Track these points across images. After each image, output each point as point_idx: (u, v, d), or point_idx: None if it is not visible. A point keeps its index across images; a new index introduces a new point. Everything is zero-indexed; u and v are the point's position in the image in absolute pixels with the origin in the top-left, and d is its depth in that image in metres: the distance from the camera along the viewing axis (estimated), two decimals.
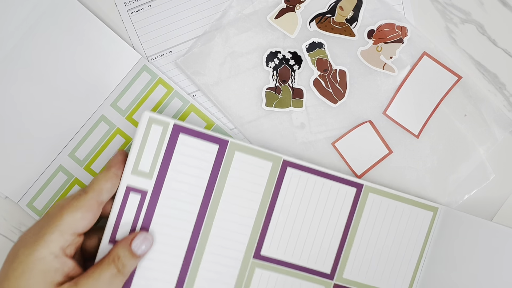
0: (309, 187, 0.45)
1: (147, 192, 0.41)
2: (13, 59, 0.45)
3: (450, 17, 0.48)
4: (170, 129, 0.41)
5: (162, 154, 0.41)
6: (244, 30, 0.46)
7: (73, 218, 0.37)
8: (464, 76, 0.47)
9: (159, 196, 0.42)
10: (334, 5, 0.47)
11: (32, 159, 0.45)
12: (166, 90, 0.46)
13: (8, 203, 0.46)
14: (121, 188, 0.41)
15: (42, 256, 0.36)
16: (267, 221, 0.45)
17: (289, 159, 0.44)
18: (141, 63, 0.46)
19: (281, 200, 0.45)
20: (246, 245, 0.44)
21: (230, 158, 0.43)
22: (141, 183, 0.41)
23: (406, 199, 0.47)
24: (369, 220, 0.46)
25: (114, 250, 0.39)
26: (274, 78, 0.47)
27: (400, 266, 0.47)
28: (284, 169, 0.44)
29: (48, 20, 0.45)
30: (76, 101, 0.45)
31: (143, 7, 0.46)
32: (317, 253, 0.46)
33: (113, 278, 0.37)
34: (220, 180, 0.43)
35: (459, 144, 0.48)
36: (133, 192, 0.41)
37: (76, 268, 0.38)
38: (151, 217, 0.42)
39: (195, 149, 0.42)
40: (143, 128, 0.41)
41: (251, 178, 0.44)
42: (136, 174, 0.41)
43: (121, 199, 0.41)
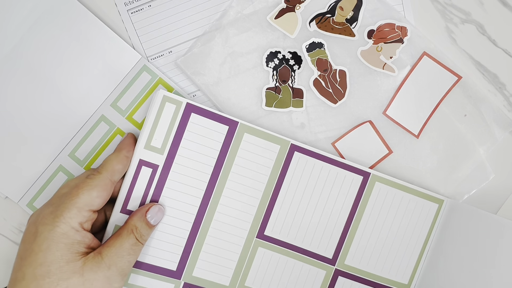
0: (315, 172, 0.46)
1: (158, 166, 0.44)
2: (13, 59, 0.45)
3: (450, 17, 0.48)
4: (183, 108, 0.43)
5: (174, 131, 0.43)
6: (244, 30, 0.46)
7: (90, 196, 0.39)
8: (464, 76, 0.47)
9: (169, 171, 0.44)
10: (334, 5, 0.47)
11: (32, 159, 0.45)
12: (166, 90, 0.46)
13: (8, 203, 0.46)
14: (134, 161, 0.43)
15: (64, 231, 0.38)
16: (272, 203, 0.46)
17: (296, 143, 0.45)
18: (141, 63, 0.46)
19: (287, 183, 0.46)
20: (251, 224, 0.46)
21: (239, 139, 0.45)
22: (153, 158, 0.43)
23: (413, 190, 0.47)
24: (374, 208, 0.47)
25: (131, 221, 0.42)
26: (274, 78, 0.47)
27: (403, 257, 0.47)
28: (291, 153, 0.46)
29: (48, 20, 0.45)
30: (76, 101, 0.45)
31: (143, 7, 0.46)
32: (320, 238, 0.46)
33: (133, 246, 0.40)
34: (228, 159, 0.45)
35: (459, 144, 0.48)
36: (145, 166, 0.43)
37: (95, 240, 0.40)
38: (160, 191, 0.44)
39: (205, 128, 0.44)
40: (157, 106, 0.43)
41: (258, 160, 0.45)
42: (149, 149, 0.43)
43: (134, 172, 0.43)
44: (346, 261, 0.47)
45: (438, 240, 0.47)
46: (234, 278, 0.46)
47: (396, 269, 0.47)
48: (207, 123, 0.44)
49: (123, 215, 0.43)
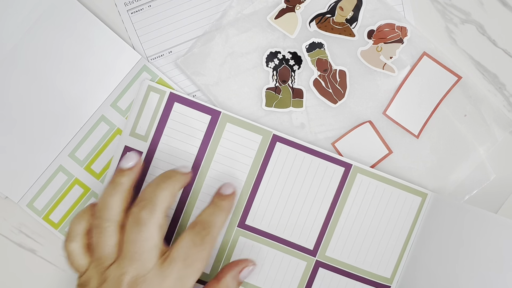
0: (297, 163, 0.46)
1: (141, 153, 0.45)
2: (12, 59, 0.45)
3: (450, 17, 0.48)
4: (166, 97, 0.45)
5: (157, 119, 0.45)
6: (244, 30, 0.46)
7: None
8: (464, 76, 0.47)
9: (153, 158, 0.45)
10: (334, 5, 0.47)
11: (32, 159, 0.45)
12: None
13: (8, 203, 0.46)
14: (120, 147, 0.45)
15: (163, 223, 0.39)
16: (253, 192, 0.46)
17: (279, 134, 0.46)
18: (141, 63, 0.46)
19: (268, 173, 0.46)
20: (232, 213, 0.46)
21: (221, 129, 0.46)
22: (137, 145, 0.45)
23: (395, 183, 0.47)
24: (355, 200, 0.47)
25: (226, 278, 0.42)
26: (274, 78, 0.47)
27: (385, 250, 0.47)
28: (273, 144, 0.46)
29: (48, 20, 0.45)
30: (76, 101, 0.45)
31: (143, 7, 0.46)
32: (301, 229, 0.47)
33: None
34: (211, 149, 0.46)
35: (459, 144, 0.48)
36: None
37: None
38: (144, 177, 0.45)
39: (188, 117, 0.45)
40: (142, 94, 0.45)
41: (240, 149, 0.46)
42: (133, 136, 0.45)
43: (119, 157, 0.45)
44: (327, 253, 0.47)
45: (421, 234, 0.47)
46: (215, 267, 0.46)
47: (378, 263, 0.47)
48: (190, 112, 0.45)
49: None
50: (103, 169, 0.46)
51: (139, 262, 0.37)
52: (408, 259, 0.47)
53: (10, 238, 0.47)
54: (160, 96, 0.45)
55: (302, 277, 0.47)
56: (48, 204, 0.46)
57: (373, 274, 0.47)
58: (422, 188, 0.47)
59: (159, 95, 0.45)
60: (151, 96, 0.45)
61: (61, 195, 0.46)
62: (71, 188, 0.46)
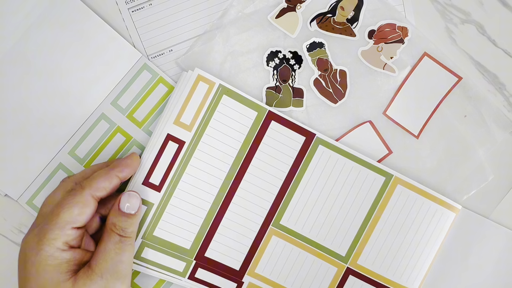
0: (337, 168, 0.46)
1: (184, 143, 0.44)
2: (13, 57, 0.45)
3: (450, 18, 0.48)
4: (215, 89, 0.44)
5: (204, 110, 0.44)
6: (244, 29, 0.47)
7: (71, 215, 0.38)
8: (464, 76, 0.47)
9: (196, 149, 0.45)
10: (335, 5, 0.47)
11: (32, 157, 0.45)
12: (167, 89, 0.46)
13: (8, 202, 0.46)
14: (162, 135, 0.44)
15: (50, 254, 0.37)
16: (291, 193, 0.46)
17: (321, 136, 0.46)
18: (142, 62, 0.46)
19: (308, 175, 0.46)
20: (267, 211, 0.46)
21: (265, 127, 0.45)
22: (181, 134, 0.44)
23: (431, 196, 0.47)
24: (392, 212, 0.46)
25: (108, 220, 0.40)
26: (275, 77, 0.47)
27: (416, 263, 0.47)
28: (316, 146, 0.46)
29: (48, 18, 0.45)
30: (76, 99, 0.45)
31: (144, 5, 0.46)
32: (335, 234, 0.46)
33: (119, 244, 0.39)
34: (254, 145, 0.45)
35: (458, 145, 0.48)
36: (172, 141, 0.44)
37: (87, 254, 0.39)
38: (184, 167, 0.44)
39: (235, 111, 0.45)
40: (191, 83, 0.44)
41: (282, 148, 0.46)
42: (178, 124, 0.44)
43: (160, 145, 0.44)
44: (358, 261, 0.46)
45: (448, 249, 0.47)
46: (245, 264, 0.46)
47: (408, 275, 0.47)
48: (237, 106, 0.45)
49: (144, 187, 0.44)
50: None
51: None
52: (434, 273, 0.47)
53: (10, 238, 0.47)
54: (209, 87, 0.44)
55: (331, 282, 0.46)
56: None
57: (402, 286, 0.47)
58: (455, 203, 0.47)
59: (208, 86, 0.44)
60: (200, 85, 0.44)
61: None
62: None
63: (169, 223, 0.45)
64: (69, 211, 0.38)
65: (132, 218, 0.40)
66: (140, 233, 0.44)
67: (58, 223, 0.37)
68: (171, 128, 0.44)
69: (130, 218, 0.40)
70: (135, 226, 0.40)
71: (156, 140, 0.44)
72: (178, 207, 0.45)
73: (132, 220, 0.40)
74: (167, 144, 0.44)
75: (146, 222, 0.44)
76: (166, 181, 0.44)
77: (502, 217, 0.48)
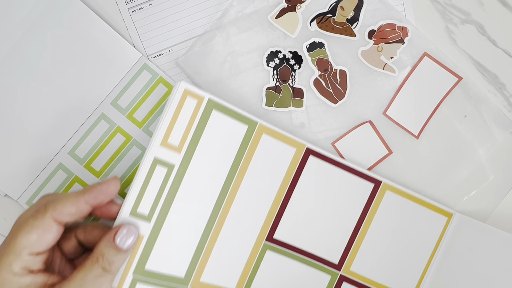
0: (329, 178, 0.45)
1: (174, 166, 0.40)
2: (13, 57, 0.45)
3: (450, 18, 0.48)
4: (204, 104, 0.40)
5: (193, 129, 0.40)
6: (244, 29, 0.47)
7: (28, 240, 0.34)
8: (464, 76, 0.47)
9: (186, 172, 0.41)
10: (335, 5, 0.47)
11: (31, 157, 0.45)
12: (167, 89, 0.46)
13: (8, 202, 0.46)
14: (148, 159, 0.39)
15: (7, 278, 0.34)
16: (283, 206, 0.45)
17: (312, 147, 0.45)
18: (142, 62, 0.46)
19: (300, 187, 0.45)
20: (261, 227, 0.45)
21: (257, 140, 0.43)
22: (169, 156, 0.40)
23: (422, 202, 0.47)
24: (383, 217, 0.46)
25: (97, 248, 0.36)
26: (275, 77, 0.47)
27: (408, 268, 0.47)
28: (306, 157, 0.45)
29: (48, 18, 0.45)
30: (76, 99, 0.45)
31: (144, 5, 0.46)
32: (327, 243, 0.46)
33: (98, 278, 0.35)
34: (245, 160, 0.43)
35: (458, 145, 0.48)
36: (160, 165, 0.40)
37: (53, 276, 0.36)
38: (175, 193, 0.41)
39: (225, 127, 0.42)
40: (178, 100, 0.39)
41: (274, 162, 0.44)
42: (166, 146, 0.40)
43: (147, 171, 0.39)
44: (351, 268, 0.46)
45: (444, 254, 0.47)
46: (241, 281, 0.45)
47: (402, 281, 0.47)
48: (227, 121, 0.42)
49: (133, 218, 0.39)
50: (103, 167, 0.46)
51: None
52: (429, 278, 0.47)
53: None
54: (198, 102, 0.40)
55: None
56: None
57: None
58: (448, 208, 0.47)
59: (196, 101, 0.40)
60: (188, 101, 0.40)
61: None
62: (71, 186, 0.46)
63: (161, 254, 0.41)
64: (26, 236, 0.34)
65: (123, 253, 0.37)
66: (131, 268, 0.40)
67: (14, 248, 0.34)
68: (158, 151, 0.39)
69: (122, 253, 0.37)
70: (122, 263, 0.37)
71: (143, 165, 0.39)
72: (170, 236, 0.41)
73: (123, 256, 0.37)
74: (154, 169, 0.39)
75: (137, 256, 0.40)
76: (156, 210, 0.40)
77: (501, 218, 0.48)
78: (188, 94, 0.39)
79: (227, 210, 0.43)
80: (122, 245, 0.37)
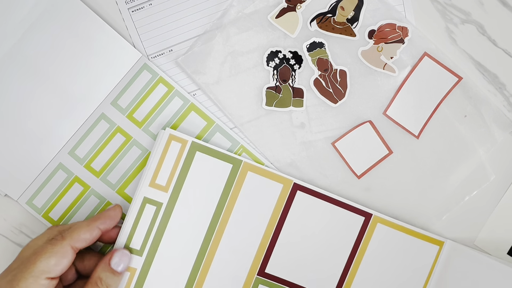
0: (317, 212, 0.46)
1: (162, 204, 0.44)
2: (13, 57, 0.45)
3: (450, 18, 0.48)
4: (188, 147, 0.44)
5: (178, 169, 0.44)
6: (244, 29, 0.47)
7: (47, 265, 0.37)
8: (464, 76, 0.47)
9: (173, 209, 0.44)
10: (335, 5, 0.47)
11: (31, 157, 0.45)
12: (167, 89, 0.46)
13: (8, 202, 0.46)
14: (138, 199, 0.43)
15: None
16: (273, 241, 0.46)
17: (299, 182, 0.46)
18: (142, 62, 0.46)
19: (289, 221, 0.46)
20: (252, 261, 0.46)
21: (242, 178, 0.45)
22: (157, 196, 0.44)
23: (414, 232, 0.47)
24: (375, 250, 0.47)
25: (95, 272, 0.40)
26: (275, 77, 0.47)
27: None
28: (294, 192, 0.46)
29: (48, 18, 0.45)
30: (76, 99, 0.45)
31: (144, 5, 0.46)
32: (320, 277, 0.46)
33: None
34: (232, 197, 0.45)
35: (459, 145, 0.48)
36: (149, 204, 0.44)
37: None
38: (163, 229, 0.44)
39: (210, 167, 0.45)
40: (163, 144, 0.44)
41: (261, 198, 0.46)
42: (154, 186, 0.44)
43: (137, 210, 0.43)
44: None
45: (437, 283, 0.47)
46: None
47: None
48: (211, 161, 0.45)
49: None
50: (102, 167, 0.46)
51: None
52: None
53: (10, 238, 0.47)
54: (182, 145, 0.44)
55: None
56: (47, 202, 0.46)
57: None
58: (439, 236, 0.47)
59: (180, 144, 0.44)
60: (172, 145, 0.44)
61: (61, 193, 0.46)
62: (71, 186, 0.46)
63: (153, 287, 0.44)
64: (46, 261, 0.37)
65: (119, 276, 0.41)
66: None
67: (33, 272, 0.37)
68: (147, 191, 0.44)
69: (117, 276, 0.40)
70: (118, 285, 0.41)
71: (134, 204, 0.43)
72: (161, 269, 0.44)
73: (118, 278, 0.41)
74: (144, 207, 0.44)
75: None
76: (147, 244, 0.44)
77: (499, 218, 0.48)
78: (172, 139, 0.44)
79: (216, 245, 0.45)
80: (117, 268, 0.41)
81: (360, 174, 0.48)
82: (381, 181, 0.48)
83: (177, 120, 0.46)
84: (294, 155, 0.47)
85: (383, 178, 0.48)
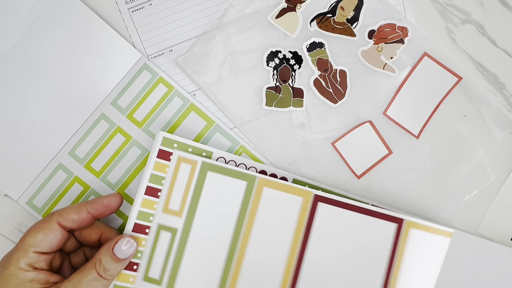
0: (344, 223, 0.43)
1: (177, 230, 0.42)
2: (13, 57, 0.45)
3: (450, 18, 0.48)
4: (199, 167, 0.43)
5: (191, 192, 0.43)
6: (244, 29, 0.47)
7: (35, 240, 0.39)
8: (464, 76, 0.47)
9: (189, 234, 0.43)
10: (335, 5, 0.47)
11: (31, 157, 0.45)
12: (167, 89, 0.46)
13: (8, 202, 0.46)
14: (153, 227, 0.42)
15: (13, 273, 0.39)
16: (300, 258, 0.43)
17: (320, 193, 0.43)
18: (142, 62, 0.46)
19: (314, 236, 0.43)
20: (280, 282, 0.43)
21: (259, 195, 0.43)
22: (172, 222, 0.42)
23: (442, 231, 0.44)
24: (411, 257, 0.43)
25: (97, 253, 0.40)
26: (275, 77, 0.47)
27: None
28: (315, 205, 0.43)
29: (48, 18, 0.45)
30: (76, 99, 0.45)
31: (144, 5, 0.46)
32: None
33: (93, 281, 0.39)
34: (250, 216, 0.43)
35: (459, 145, 0.48)
36: (164, 231, 0.42)
37: (54, 276, 0.40)
38: (181, 256, 0.42)
39: (223, 186, 0.43)
40: (173, 167, 0.42)
41: (282, 214, 0.43)
42: (167, 212, 0.42)
43: (153, 238, 0.42)
44: None
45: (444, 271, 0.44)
46: None
47: None
48: (224, 180, 0.43)
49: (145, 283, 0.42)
50: (102, 167, 0.46)
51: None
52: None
53: (10, 238, 0.47)
54: (192, 167, 0.42)
55: None
56: (47, 202, 0.46)
57: None
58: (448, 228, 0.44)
59: (190, 166, 0.42)
60: (182, 167, 0.42)
61: (61, 193, 0.46)
62: (71, 186, 0.46)
63: None
64: (34, 235, 0.40)
65: (119, 263, 0.40)
66: None
67: (23, 246, 0.39)
68: (161, 218, 0.42)
69: (118, 262, 0.40)
70: (117, 272, 0.41)
71: (150, 233, 0.42)
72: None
73: (118, 265, 0.40)
74: (159, 235, 0.42)
75: None
76: (165, 273, 0.42)
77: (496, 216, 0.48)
78: (182, 161, 0.42)
79: (238, 268, 0.43)
80: (118, 254, 0.40)
81: (360, 174, 0.48)
82: (381, 181, 0.48)
83: (177, 120, 0.46)
84: (294, 155, 0.47)
85: (383, 178, 0.48)
